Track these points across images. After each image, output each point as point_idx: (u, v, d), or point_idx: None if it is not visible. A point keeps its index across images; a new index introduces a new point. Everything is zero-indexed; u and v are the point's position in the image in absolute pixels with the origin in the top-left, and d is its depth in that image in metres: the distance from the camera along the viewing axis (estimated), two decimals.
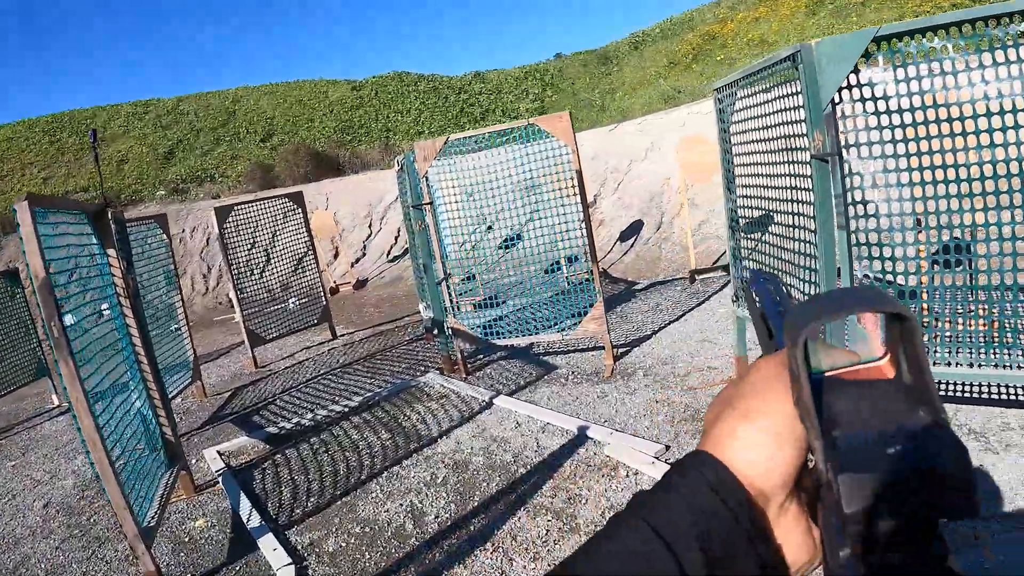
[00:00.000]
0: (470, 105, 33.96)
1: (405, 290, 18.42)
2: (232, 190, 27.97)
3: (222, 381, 12.14)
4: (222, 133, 33.88)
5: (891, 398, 0.65)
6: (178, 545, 6.22)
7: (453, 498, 5.99)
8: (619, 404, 7.41)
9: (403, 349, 11.80)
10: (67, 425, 11.52)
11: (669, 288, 12.68)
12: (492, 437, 7.11)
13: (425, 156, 8.55)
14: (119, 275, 6.66)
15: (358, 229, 22.66)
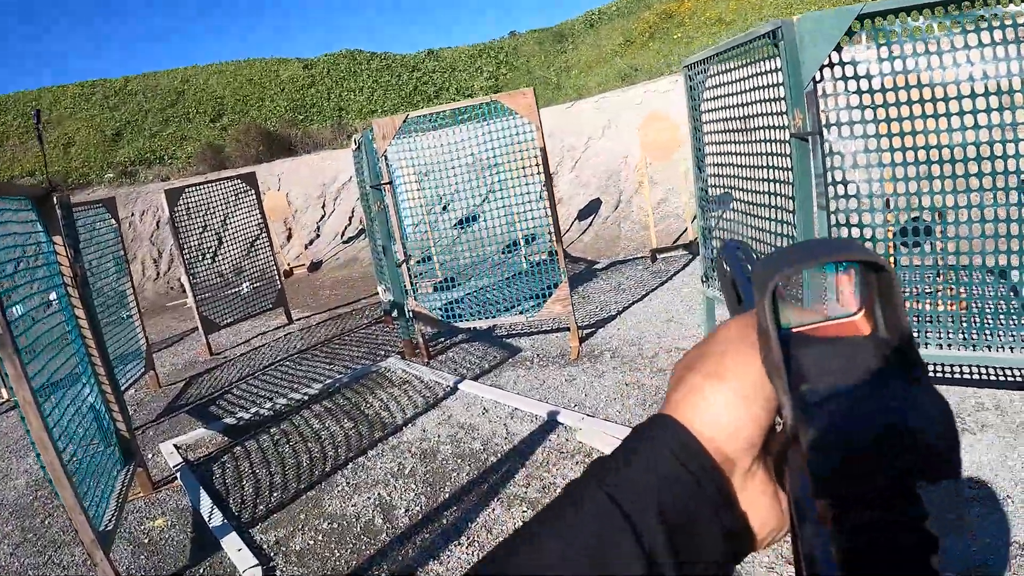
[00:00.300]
0: (424, 83, 33.62)
1: (361, 272, 18.24)
2: (182, 172, 27.51)
3: (176, 370, 11.88)
4: (171, 114, 33.25)
5: (867, 354, 0.62)
6: (137, 547, 6.02)
7: (423, 490, 5.83)
8: (588, 388, 7.28)
9: (362, 333, 11.61)
10: (16, 421, 11.23)
11: (630, 267, 12.58)
12: (459, 424, 6.95)
13: (384, 134, 8.32)
14: (66, 263, 6.38)
15: (311, 210, 22.38)
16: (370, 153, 8.91)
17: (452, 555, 4.85)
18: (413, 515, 5.46)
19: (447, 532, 5.14)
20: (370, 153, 8.91)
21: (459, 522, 5.23)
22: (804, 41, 4.54)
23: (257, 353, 11.77)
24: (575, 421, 6.45)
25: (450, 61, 35.84)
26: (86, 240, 8.52)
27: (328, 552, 5.22)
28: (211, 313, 12.44)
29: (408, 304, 8.93)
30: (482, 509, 5.35)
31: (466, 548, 4.89)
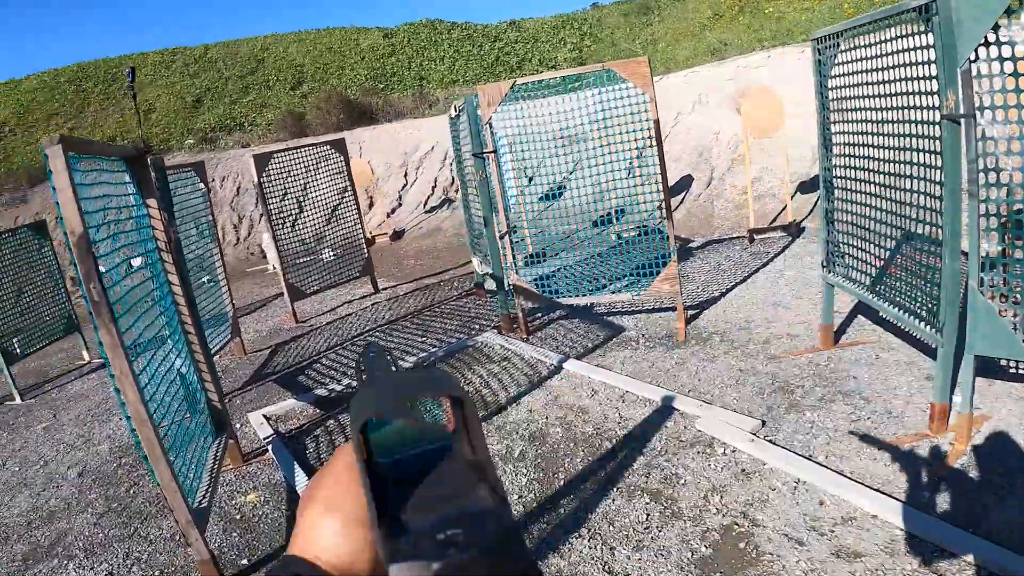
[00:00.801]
0: (506, 54, 33.16)
1: (445, 242, 17.96)
2: (262, 139, 27.47)
3: (260, 337, 11.72)
4: (251, 81, 33.32)
5: (454, 477, 0.68)
6: (229, 523, 5.79)
7: (535, 475, 5.48)
8: (701, 372, 6.86)
9: (452, 305, 11.27)
10: (99, 383, 11.21)
11: (727, 247, 12.07)
12: (568, 406, 6.57)
13: (489, 101, 7.93)
14: (160, 227, 6.08)
15: (393, 179, 22.06)
16: (473, 120, 8.54)
17: (573, 548, 4.49)
18: (527, 502, 5.12)
19: (565, 522, 4.79)
20: (473, 120, 8.54)
21: (578, 512, 4.89)
22: (961, 17, 4.14)
23: (344, 322, 11.54)
24: (693, 408, 6.05)
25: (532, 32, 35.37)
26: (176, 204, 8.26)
27: None
28: (296, 280, 12.21)
29: (509, 277, 8.55)
30: (601, 498, 4.99)
31: (588, 541, 4.53)
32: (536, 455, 5.76)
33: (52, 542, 6.21)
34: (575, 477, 5.34)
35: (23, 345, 12.06)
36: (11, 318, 11.99)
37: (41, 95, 34.80)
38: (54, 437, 8.94)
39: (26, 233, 12.94)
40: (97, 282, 4.26)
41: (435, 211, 20.52)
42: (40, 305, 12.76)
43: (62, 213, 4.21)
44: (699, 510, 4.65)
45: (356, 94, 29.53)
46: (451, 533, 0.61)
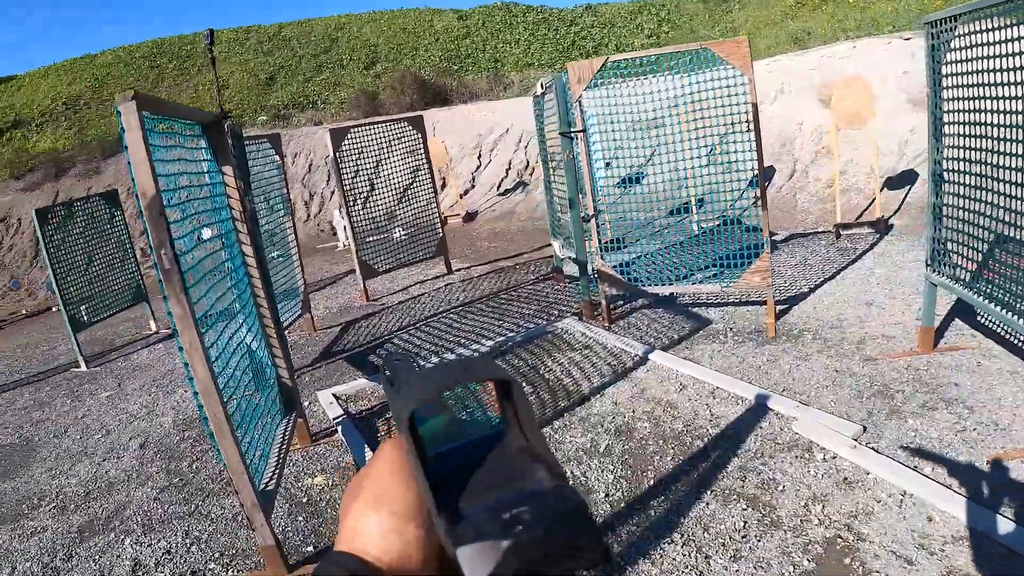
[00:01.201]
0: (581, 38, 32.91)
1: (519, 225, 17.69)
2: (335, 117, 27.51)
3: (330, 314, 11.60)
4: (324, 60, 33.47)
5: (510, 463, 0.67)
6: (294, 506, 5.60)
7: (623, 472, 5.18)
8: (794, 371, 6.49)
9: (529, 289, 10.98)
10: (165, 354, 11.17)
11: (812, 242, 11.60)
12: (655, 400, 6.25)
13: (579, 78, 7.61)
14: (236, 196, 5.86)
15: (467, 160, 21.84)
16: (561, 98, 8.21)
17: (666, 554, 4.19)
18: (615, 501, 4.82)
19: (657, 526, 4.49)
20: (561, 98, 8.21)
21: (669, 515, 4.58)
22: None
23: (416, 302, 11.36)
24: (788, 408, 5.69)
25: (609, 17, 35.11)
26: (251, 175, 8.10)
27: None
28: (368, 258, 12.06)
29: (594, 263, 8.23)
30: (694, 502, 4.67)
31: (681, 547, 4.22)
32: (623, 451, 5.46)
33: (110, 515, 6.09)
34: (665, 477, 5.04)
35: (91, 313, 12.11)
36: (81, 286, 12.06)
37: (116, 70, 35.46)
38: (117, 406, 8.86)
39: (98, 202, 13.08)
40: (169, 249, 4.03)
41: (508, 194, 20.27)
42: (109, 274, 12.82)
43: (133, 174, 3.99)
44: (800, 520, 4.33)
45: (430, 75, 29.41)
46: (516, 511, 0.59)
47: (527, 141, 20.30)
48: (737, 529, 4.31)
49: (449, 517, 0.62)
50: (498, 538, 0.57)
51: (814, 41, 20.67)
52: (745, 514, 4.45)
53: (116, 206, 13.23)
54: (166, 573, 5.05)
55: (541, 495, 0.61)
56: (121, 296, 12.96)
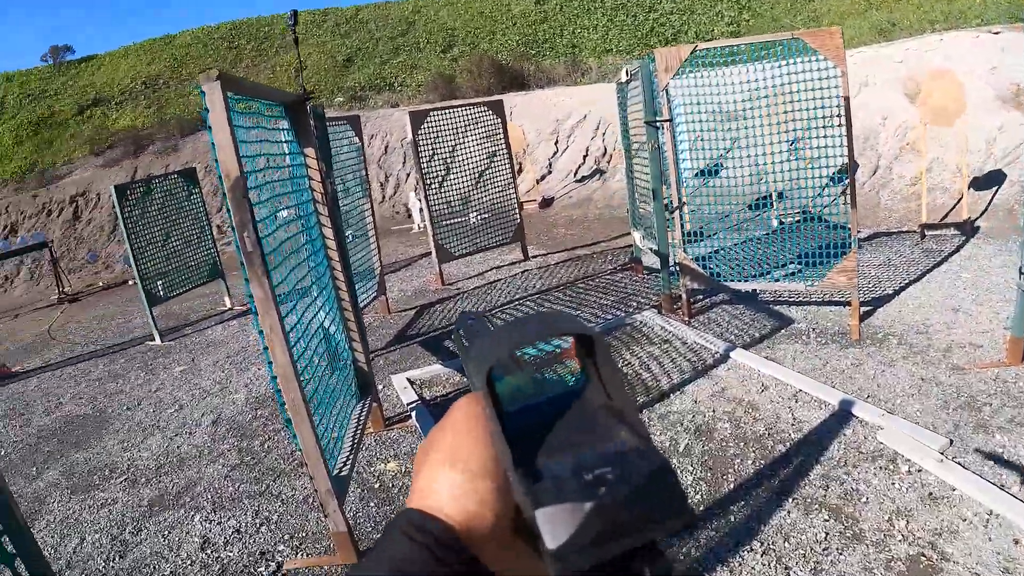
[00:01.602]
0: (660, 25, 32.50)
1: (596, 213, 17.47)
2: (411, 99, 27.60)
3: (405, 297, 11.63)
4: (401, 43, 33.56)
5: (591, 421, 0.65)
6: (366, 491, 5.59)
7: (702, 474, 5.07)
8: (879, 377, 6.28)
9: (607, 279, 10.81)
10: (239, 331, 11.25)
11: (896, 242, 11.27)
12: (736, 400, 6.11)
13: (667, 66, 7.47)
14: (317, 178, 5.82)
15: (543, 145, 21.68)
16: (647, 86, 8.04)
17: (745, 563, 4.08)
18: (693, 504, 4.69)
19: (736, 532, 4.37)
20: (647, 86, 8.04)
21: (749, 521, 4.45)
22: None
23: (492, 288, 11.30)
24: (873, 416, 5.51)
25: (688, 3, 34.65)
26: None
27: None
28: (445, 241, 12.02)
29: (676, 255, 8.09)
30: (775, 509, 4.54)
31: (761, 557, 4.11)
32: (703, 451, 5.34)
33: (180, 490, 6.14)
34: (745, 481, 4.91)
35: (167, 288, 12.29)
36: (157, 261, 12.27)
37: (195, 50, 36.24)
38: (190, 381, 8.94)
39: (176, 180, 13.31)
40: (251, 231, 3.99)
41: (585, 181, 20.06)
42: (186, 250, 13.03)
43: (217, 155, 3.98)
44: (883, 535, 4.19)
45: (507, 59, 29.32)
46: (599, 472, 0.57)
47: (605, 128, 20.11)
48: (818, 540, 4.19)
49: (527, 476, 0.59)
50: (580, 500, 0.55)
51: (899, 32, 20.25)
52: (827, 525, 4.32)
53: (194, 184, 13.45)
54: (234, 552, 5.06)
55: (625, 455, 0.59)
56: (197, 272, 13.16)
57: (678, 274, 8.20)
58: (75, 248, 24.95)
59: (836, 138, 7.26)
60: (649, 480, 0.56)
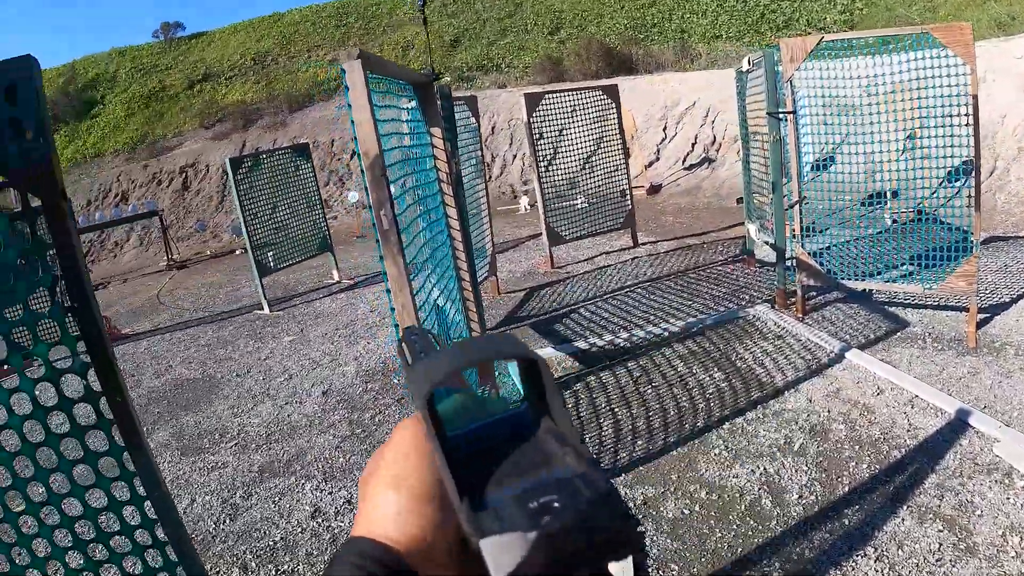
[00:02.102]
0: (771, 11, 31.85)
1: (703, 202, 17.23)
2: (518, 81, 27.63)
3: (514, 278, 11.67)
4: (508, 24, 33.51)
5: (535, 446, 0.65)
6: None
7: (816, 475, 4.96)
8: (996, 388, 6.05)
9: (718, 270, 10.63)
10: (347, 304, 11.44)
11: (1013, 247, 10.83)
12: (851, 401, 5.96)
13: (792, 56, 7.34)
14: (443, 157, 5.87)
15: (651, 131, 21.48)
16: (771, 76, 7.94)
17: (858, 567, 4.01)
18: (807, 504, 4.63)
19: (849, 535, 4.30)
20: (771, 76, 7.94)
21: (862, 526, 4.37)
22: None
23: (602, 273, 11.25)
24: (990, 428, 5.33)
25: None
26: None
27: (707, 528, 4.51)
28: (556, 224, 11.98)
29: (794, 250, 7.96)
30: (889, 516, 4.44)
31: (874, 563, 4.03)
32: (817, 452, 5.25)
33: (291, 458, 6.26)
34: (860, 485, 4.81)
35: (277, 259, 12.51)
36: (268, 233, 12.46)
37: (303, 28, 37.13)
38: (299, 352, 9.09)
39: (289, 154, 13.63)
40: (388, 209, 4.04)
41: (694, 169, 19.82)
42: (296, 223, 13.27)
43: (357, 133, 4.00)
44: (996, 550, 4.06)
45: (616, 43, 29.12)
46: (544, 500, 0.56)
47: (714, 116, 19.86)
48: (932, 551, 4.10)
49: (471, 504, 0.59)
50: (525, 529, 0.54)
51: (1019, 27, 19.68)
52: (941, 536, 4.22)
53: (307, 159, 13.69)
54: (345, 523, 5.15)
55: (570, 482, 0.58)
56: (307, 245, 13.41)
57: (794, 269, 8.06)
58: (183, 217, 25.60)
59: (957, 137, 7.06)
60: (595, 507, 0.56)
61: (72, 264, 2.51)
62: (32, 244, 2.58)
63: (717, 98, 19.42)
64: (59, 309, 2.60)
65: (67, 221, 2.49)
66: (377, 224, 4.05)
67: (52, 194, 2.47)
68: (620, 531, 0.55)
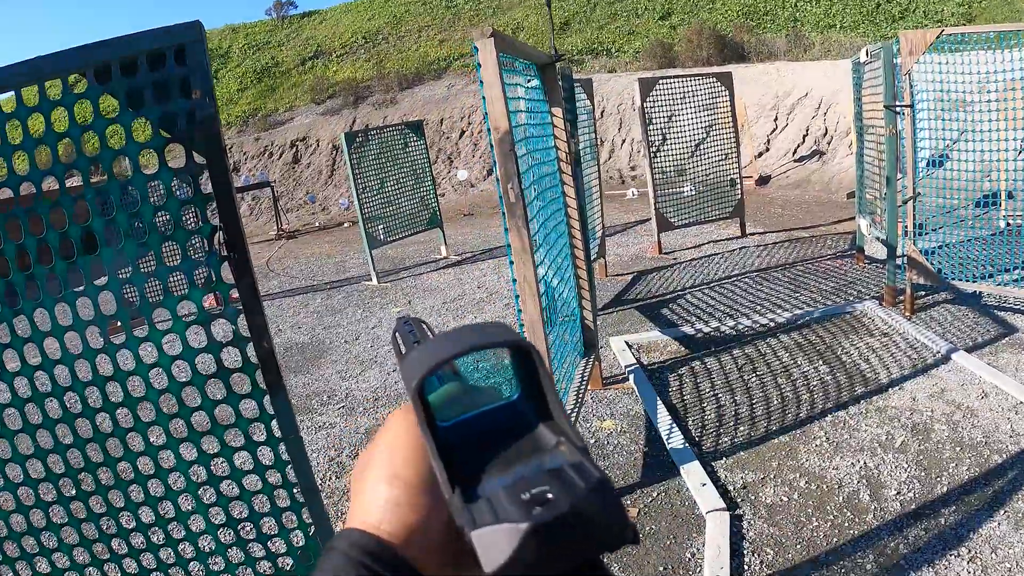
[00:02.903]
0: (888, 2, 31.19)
1: (813, 196, 17.03)
2: (628, 66, 27.52)
3: (621, 261, 11.72)
4: (619, 8, 33.36)
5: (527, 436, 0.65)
6: None
7: (916, 472, 4.91)
8: None
9: (826, 264, 10.48)
10: (455, 279, 11.59)
11: None
12: (955, 403, 5.85)
13: (911, 49, 7.24)
14: (563, 138, 5.98)
15: (762, 121, 21.25)
16: (888, 69, 7.83)
17: (951, 567, 3.99)
18: (905, 501, 4.60)
19: (944, 535, 4.26)
20: (888, 69, 7.83)
21: (958, 527, 4.32)
22: None
23: (710, 261, 11.23)
24: None
25: None
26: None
27: (804, 517, 4.53)
28: (665, 210, 11.99)
29: (905, 247, 7.84)
30: (985, 519, 4.38)
31: (967, 564, 4.00)
32: (918, 450, 5.20)
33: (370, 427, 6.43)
34: (958, 487, 4.75)
35: (387, 232, 12.74)
36: (377, 207, 12.69)
37: (414, 8, 37.65)
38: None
39: (403, 130, 13.97)
40: (516, 183, 4.18)
41: (804, 161, 19.58)
42: (405, 198, 13.52)
43: (488, 109, 4.16)
44: None
45: (727, 30, 28.82)
46: (536, 491, 0.56)
47: (827, 108, 19.53)
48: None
49: (463, 495, 0.59)
50: (516, 520, 0.54)
51: None
52: None
53: (420, 136, 13.91)
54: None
55: (562, 472, 0.58)
56: (416, 220, 13.61)
57: (904, 267, 7.93)
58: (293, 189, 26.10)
59: None
60: (587, 497, 0.55)
61: (231, 215, 2.69)
62: (195, 197, 2.75)
63: (830, 89, 19.14)
64: (216, 257, 2.79)
65: (228, 175, 2.68)
66: (504, 197, 4.18)
67: (216, 150, 2.65)
68: (613, 522, 0.55)
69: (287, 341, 9.46)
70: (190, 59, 2.57)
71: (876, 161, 8.53)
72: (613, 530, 0.55)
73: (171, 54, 2.56)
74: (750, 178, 18.70)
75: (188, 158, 2.68)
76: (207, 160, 2.65)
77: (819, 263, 10.55)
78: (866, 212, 9.50)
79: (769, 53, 26.19)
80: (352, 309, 10.51)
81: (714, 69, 16.61)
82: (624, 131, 22.75)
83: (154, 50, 2.57)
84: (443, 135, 25.75)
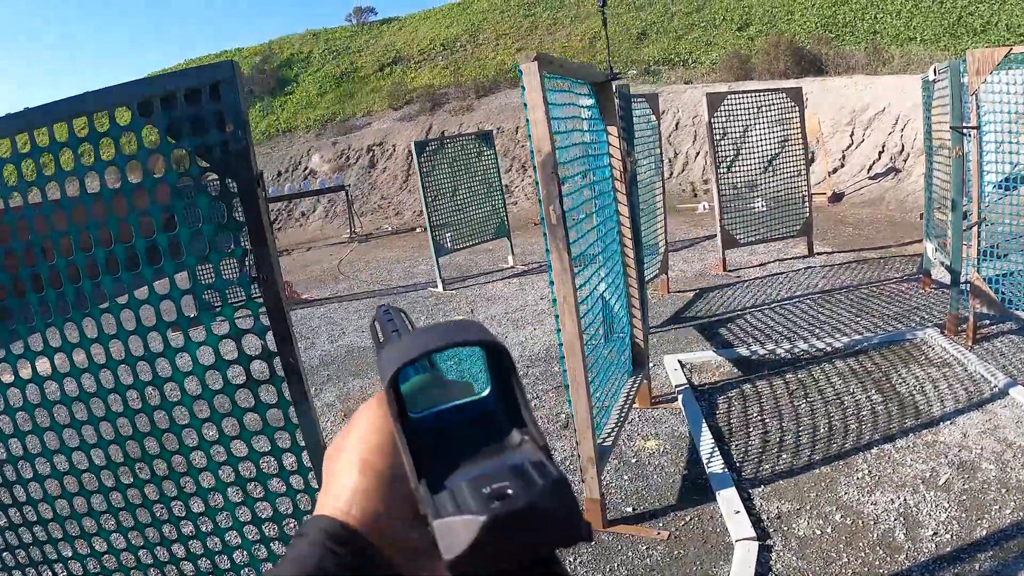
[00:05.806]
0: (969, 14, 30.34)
1: (886, 215, 16.58)
2: (705, 77, 27.40)
3: (684, 278, 11.69)
4: (697, 19, 33.09)
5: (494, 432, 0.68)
6: (622, 463, 5.76)
7: (956, 513, 4.76)
8: None
9: (892, 288, 10.21)
10: (519, 289, 11.70)
11: None
12: (1007, 441, 5.63)
13: (979, 68, 7.10)
14: (618, 155, 6.00)
15: (838, 136, 20.83)
16: (955, 88, 7.64)
17: None
18: (941, 543, 4.47)
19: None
20: (955, 88, 7.64)
21: (992, 573, 4.18)
22: None
23: (774, 280, 11.10)
24: None
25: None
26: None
27: (835, 552, 4.46)
28: (731, 227, 11.90)
29: (969, 274, 7.64)
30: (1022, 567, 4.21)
31: None
32: (962, 489, 5.03)
33: None
34: (999, 531, 4.57)
35: (455, 240, 12.90)
36: (447, 214, 12.87)
37: (492, 16, 38.04)
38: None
39: (473, 140, 14.11)
40: (558, 205, 4.25)
41: (879, 178, 19.11)
42: (474, 207, 13.67)
43: (531, 131, 4.27)
44: None
45: (806, 42, 28.49)
46: (497, 486, 0.58)
47: (904, 124, 19.12)
48: None
49: (429, 486, 0.62)
50: (476, 512, 0.56)
51: None
52: None
53: (490, 146, 14.08)
54: None
55: (523, 468, 0.60)
56: (484, 228, 13.75)
57: (967, 294, 7.71)
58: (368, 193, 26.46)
59: None
60: (545, 495, 0.57)
61: (261, 240, 2.83)
62: (228, 222, 2.92)
63: (908, 104, 18.72)
64: (247, 277, 3.10)
65: (259, 203, 2.81)
66: (546, 218, 4.25)
67: (247, 180, 2.80)
68: (568, 519, 0.58)
69: (349, 344, 9.64)
70: (224, 96, 2.74)
71: (944, 183, 8.37)
72: (568, 527, 0.58)
73: (206, 91, 2.74)
74: (823, 195, 18.44)
75: (222, 185, 2.88)
76: (239, 189, 2.82)
77: (884, 286, 10.31)
78: (933, 235, 9.31)
79: (847, 66, 25.81)
80: (416, 315, 10.55)
81: (785, 84, 16.44)
82: (699, 144, 22.57)
83: (191, 88, 2.76)
84: (518, 143, 25.84)
